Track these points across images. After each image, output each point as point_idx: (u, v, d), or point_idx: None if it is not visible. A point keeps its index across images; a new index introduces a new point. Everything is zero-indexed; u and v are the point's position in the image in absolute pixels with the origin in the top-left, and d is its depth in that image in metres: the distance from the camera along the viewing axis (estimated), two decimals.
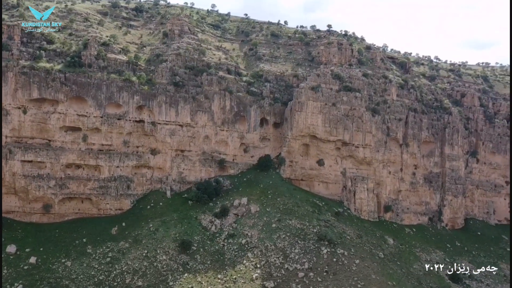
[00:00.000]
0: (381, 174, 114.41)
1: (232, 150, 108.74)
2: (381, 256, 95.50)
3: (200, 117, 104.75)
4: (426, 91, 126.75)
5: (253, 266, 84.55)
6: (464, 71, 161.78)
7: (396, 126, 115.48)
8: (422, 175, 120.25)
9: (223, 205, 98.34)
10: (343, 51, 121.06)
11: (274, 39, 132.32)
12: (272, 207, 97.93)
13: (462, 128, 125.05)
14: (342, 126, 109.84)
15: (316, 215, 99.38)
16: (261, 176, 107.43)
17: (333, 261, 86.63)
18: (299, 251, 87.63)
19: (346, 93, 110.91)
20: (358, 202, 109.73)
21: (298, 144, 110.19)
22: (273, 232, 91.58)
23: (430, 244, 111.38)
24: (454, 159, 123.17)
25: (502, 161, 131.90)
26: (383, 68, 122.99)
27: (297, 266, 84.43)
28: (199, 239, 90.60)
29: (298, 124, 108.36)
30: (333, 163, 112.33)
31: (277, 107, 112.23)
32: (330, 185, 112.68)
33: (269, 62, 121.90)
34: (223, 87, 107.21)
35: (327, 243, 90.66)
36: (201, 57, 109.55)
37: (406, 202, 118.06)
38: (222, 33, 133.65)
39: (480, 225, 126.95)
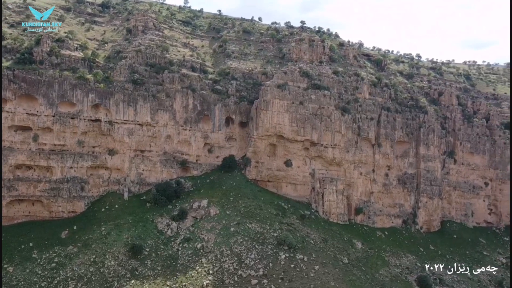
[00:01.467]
0: (352, 175, 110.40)
1: (196, 150, 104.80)
2: (345, 261, 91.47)
3: (161, 116, 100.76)
4: (402, 90, 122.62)
5: (206, 272, 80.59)
6: (446, 69, 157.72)
7: (368, 126, 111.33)
8: (396, 176, 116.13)
9: (182, 207, 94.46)
10: (315, 48, 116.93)
11: (246, 36, 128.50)
12: (232, 210, 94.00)
13: (439, 128, 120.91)
14: (310, 125, 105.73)
15: (279, 218, 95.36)
16: (225, 178, 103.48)
17: (290, 267, 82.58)
18: (255, 256, 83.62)
19: (315, 91, 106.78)
20: (327, 204, 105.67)
21: (265, 144, 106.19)
22: (230, 236, 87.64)
23: (402, 248, 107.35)
24: (430, 160, 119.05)
25: (481, 161, 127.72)
26: (355, 66, 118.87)
27: (251, 272, 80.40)
28: (153, 243, 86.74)
29: (264, 123, 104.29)
30: (302, 163, 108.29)
31: (244, 106, 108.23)
32: (298, 186, 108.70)
33: (238, 59, 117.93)
34: (185, 85, 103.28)
35: (286, 247, 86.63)
36: (164, 54, 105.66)
37: (379, 204, 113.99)
38: (192, 29, 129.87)
39: (457, 228, 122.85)
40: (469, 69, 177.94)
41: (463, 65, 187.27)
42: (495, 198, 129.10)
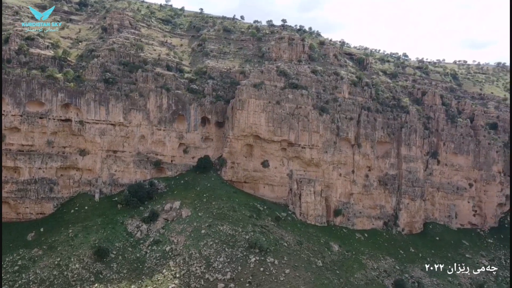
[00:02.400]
0: (331, 176, 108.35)
1: (170, 150, 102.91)
2: (319, 264, 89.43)
3: (134, 115, 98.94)
4: (384, 89, 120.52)
5: (172, 275, 78.68)
6: (433, 68, 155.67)
7: (347, 126, 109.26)
8: (377, 177, 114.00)
9: (153, 209, 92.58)
10: (294, 46, 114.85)
11: (226, 35, 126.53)
12: (205, 212, 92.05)
13: (421, 128, 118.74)
14: (287, 125, 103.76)
15: (253, 220, 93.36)
16: (200, 178, 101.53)
17: (259, 271, 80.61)
18: (224, 259, 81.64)
19: (292, 90, 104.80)
20: (304, 206, 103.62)
21: (241, 144, 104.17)
22: (200, 239, 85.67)
23: (381, 251, 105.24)
24: (412, 160, 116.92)
25: (465, 162, 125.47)
26: (336, 65, 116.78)
27: (219, 276, 78.46)
28: (121, 246, 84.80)
29: (240, 123, 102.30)
30: (279, 164, 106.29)
31: (220, 106, 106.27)
32: (276, 187, 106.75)
33: (216, 58, 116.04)
34: (160, 84, 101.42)
35: (257, 250, 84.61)
36: (138, 53, 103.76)
37: (359, 206, 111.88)
38: (172, 28, 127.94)
39: (439, 230, 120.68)
40: (459, 68, 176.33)
41: (453, 64, 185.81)
42: (479, 200, 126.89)
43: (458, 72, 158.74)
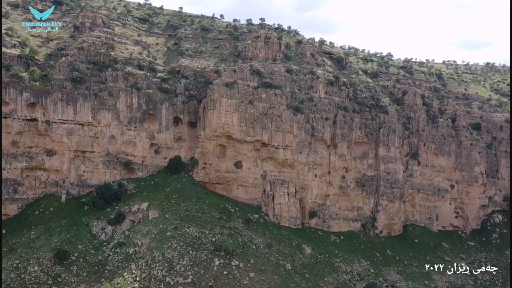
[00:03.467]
0: (306, 177, 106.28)
1: (141, 151, 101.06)
2: (287, 267, 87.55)
3: (103, 115, 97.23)
4: (363, 89, 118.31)
5: (133, 279, 76.91)
6: (418, 68, 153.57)
7: (323, 126, 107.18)
8: (354, 179, 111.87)
9: (120, 210, 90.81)
10: (270, 45, 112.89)
11: (204, 34, 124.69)
12: (172, 213, 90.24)
13: (400, 128, 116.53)
14: (260, 125, 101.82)
15: (222, 222, 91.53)
16: (170, 180, 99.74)
17: (223, 274, 78.78)
18: (187, 262, 79.85)
19: (265, 90, 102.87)
20: (278, 208, 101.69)
21: (213, 145, 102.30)
22: (165, 241, 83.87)
23: (357, 253, 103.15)
24: (390, 161, 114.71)
25: (446, 163, 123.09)
26: (313, 64, 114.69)
27: (180, 279, 76.67)
28: (83, 248, 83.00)
29: (211, 123, 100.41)
30: (252, 165, 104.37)
31: (192, 105, 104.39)
32: (249, 189, 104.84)
33: (192, 57, 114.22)
34: (130, 84, 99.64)
35: (223, 253, 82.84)
36: (109, 52, 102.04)
37: (335, 208, 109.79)
38: (149, 27, 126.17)
39: (419, 232, 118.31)
40: (447, 68, 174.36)
41: (441, 65, 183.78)
42: (461, 201, 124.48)
43: (444, 72, 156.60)
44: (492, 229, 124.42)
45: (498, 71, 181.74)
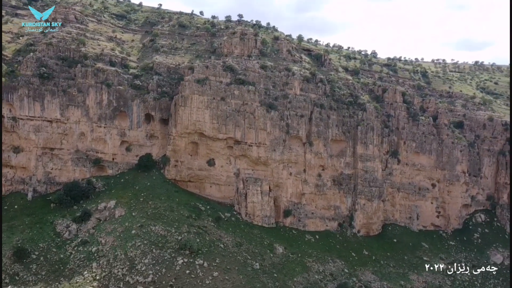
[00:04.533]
0: (281, 175, 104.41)
1: (111, 148, 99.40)
2: (256, 267, 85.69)
3: (72, 112, 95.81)
4: (341, 86, 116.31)
5: (92, 278, 75.24)
6: (402, 66, 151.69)
7: (298, 123, 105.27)
8: (331, 177, 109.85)
9: (86, 208, 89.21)
10: (246, 41, 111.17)
11: (181, 30, 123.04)
12: (139, 211, 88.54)
13: (379, 126, 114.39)
14: (233, 122, 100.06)
15: (190, 220, 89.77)
16: (141, 177, 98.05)
17: (185, 274, 77.02)
18: (149, 261, 78.09)
19: (238, 86, 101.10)
20: (250, 206, 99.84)
21: (185, 142, 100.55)
22: (129, 240, 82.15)
23: (331, 253, 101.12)
24: (369, 160, 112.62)
25: (427, 162, 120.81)
26: (289, 60, 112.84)
27: (140, 278, 74.94)
28: (45, 247, 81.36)
29: (183, 120, 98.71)
30: (225, 163, 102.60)
31: (165, 102, 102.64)
32: (222, 187, 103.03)
33: (166, 54, 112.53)
34: (100, 80, 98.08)
35: (187, 252, 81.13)
36: (79, 48, 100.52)
37: (311, 207, 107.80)
38: (126, 23, 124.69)
39: (399, 232, 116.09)
40: (435, 67, 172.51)
41: (429, 63, 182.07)
42: (443, 201, 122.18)
43: (429, 70, 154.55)
44: (474, 228, 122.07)
45: (487, 70, 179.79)
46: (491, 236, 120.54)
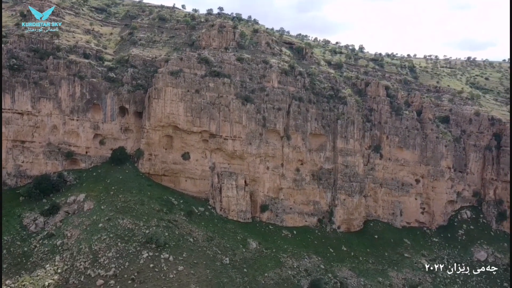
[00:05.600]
0: (257, 169, 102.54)
1: (84, 141, 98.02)
2: (225, 262, 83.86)
3: (44, 104, 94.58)
4: (322, 79, 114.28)
5: (54, 271, 73.75)
6: (390, 61, 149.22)
7: (275, 116, 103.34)
8: (310, 172, 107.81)
9: (54, 202, 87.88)
10: (224, 34, 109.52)
11: (161, 24, 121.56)
12: (108, 205, 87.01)
13: (360, 120, 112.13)
14: (207, 115, 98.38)
15: (161, 214, 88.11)
16: (114, 171, 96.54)
17: (148, 267, 75.34)
18: (113, 255, 76.47)
19: (213, 79, 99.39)
20: (225, 201, 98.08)
21: (159, 135, 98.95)
22: (95, 233, 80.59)
23: (308, 249, 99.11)
24: (349, 154, 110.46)
25: (411, 157, 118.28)
26: (268, 53, 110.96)
27: (101, 272, 73.32)
28: (9, 240, 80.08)
29: (156, 113, 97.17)
30: (200, 157, 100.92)
31: (139, 95, 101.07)
32: (198, 181, 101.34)
33: (144, 47, 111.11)
34: (73, 72, 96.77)
35: (154, 246, 79.44)
36: (52, 40, 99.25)
37: (290, 202, 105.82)
38: (106, 17, 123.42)
39: (381, 228, 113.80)
40: (426, 63, 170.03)
41: (422, 59, 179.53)
42: (427, 197, 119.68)
43: (418, 65, 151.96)
44: (459, 225, 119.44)
45: (478, 66, 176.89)
46: (476, 232, 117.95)
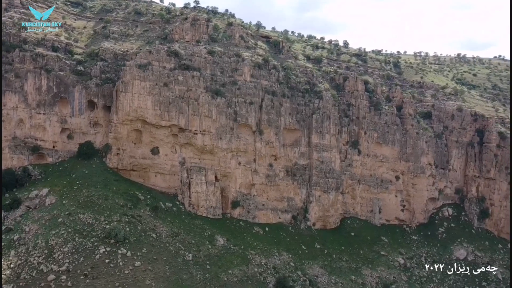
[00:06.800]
0: (228, 165, 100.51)
1: (52, 136, 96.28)
2: (187, 258, 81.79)
3: (9, 98, 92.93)
4: (298, 73, 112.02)
5: (7, 266, 71.95)
6: (374, 56, 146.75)
7: (247, 111, 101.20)
8: (284, 167, 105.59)
9: (16, 196, 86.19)
10: (197, 27, 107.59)
11: (137, 17, 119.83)
12: (70, 199, 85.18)
13: (336, 114, 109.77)
14: (176, 109, 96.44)
15: (125, 209, 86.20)
16: (80, 165, 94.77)
17: (104, 263, 73.39)
18: (69, 250, 74.59)
19: (183, 72, 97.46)
20: (194, 196, 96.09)
21: (128, 129, 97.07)
22: (54, 228, 78.79)
23: (279, 246, 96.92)
24: (325, 150, 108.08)
25: (391, 153, 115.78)
26: (241, 46, 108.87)
27: (54, 267, 71.47)
28: None
29: (124, 106, 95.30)
30: (170, 151, 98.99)
31: (108, 88, 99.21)
32: (167, 176, 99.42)
33: (116, 40, 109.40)
34: (39, 65, 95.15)
35: (112, 241, 77.52)
36: (20, 33, 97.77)
37: (262, 198, 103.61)
38: (81, 10, 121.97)
39: (358, 225, 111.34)
40: (415, 59, 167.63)
41: (410, 56, 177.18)
42: (407, 194, 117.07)
43: (403, 61, 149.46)
44: (440, 223, 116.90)
45: (468, 62, 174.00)
46: (457, 230, 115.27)
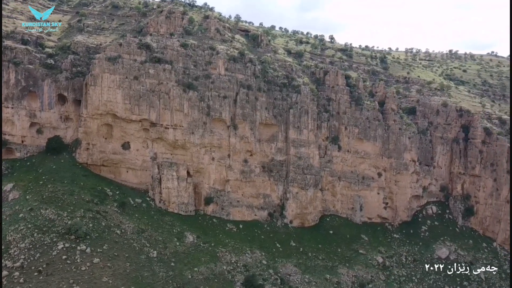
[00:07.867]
0: (202, 160, 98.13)
1: (20, 130, 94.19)
2: (151, 255, 79.52)
3: None
4: (277, 67, 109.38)
5: None
6: (360, 51, 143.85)
7: (221, 105, 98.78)
8: (260, 163, 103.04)
9: None
10: (172, 20, 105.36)
11: (114, 11, 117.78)
12: (34, 195, 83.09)
13: (314, 109, 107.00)
14: (147, 103, 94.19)
15: (90, 205, 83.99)
16: (48, 160, 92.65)
17: (61, 259, 71.14)
18: (25, 245, 72.46)
19: (154, 65, 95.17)
20: (165, 192, 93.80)
21: (97, 124, 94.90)
22: (14, 223, 76.72)
23: (253, 244, 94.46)
24: (303, 145, 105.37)
25: (372, 149, 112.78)
26: (217, 40, 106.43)
27: (8, 263, 69.36)
28: None
29: (93, 100, 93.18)
30: (141, 146, 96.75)
31: (78, 82, 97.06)
32: (139, 172, 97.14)
33: (91, 34, 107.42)
34: (7, 58, 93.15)
35: (73, 237, 75.32)
36: None
37: (237, 194, 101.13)
38: (58, 4, 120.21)
39: (338, 223, 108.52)
40: (406, 56, 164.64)
41: (402, 52, 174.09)
42: (390, 191, 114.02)
43: (389, 56, 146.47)
44: (423, 221, 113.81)
45: (459, 58, 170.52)
46: (440, 229, 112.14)
